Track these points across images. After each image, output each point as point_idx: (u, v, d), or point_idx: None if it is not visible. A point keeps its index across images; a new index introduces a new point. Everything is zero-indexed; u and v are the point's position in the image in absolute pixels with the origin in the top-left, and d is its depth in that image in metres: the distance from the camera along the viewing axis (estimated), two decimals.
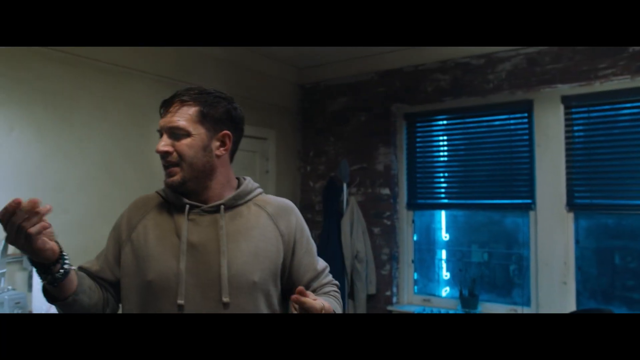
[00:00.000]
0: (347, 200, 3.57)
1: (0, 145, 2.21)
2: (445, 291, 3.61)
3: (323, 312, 1.02)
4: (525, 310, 3.12)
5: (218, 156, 1.18)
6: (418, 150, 3.66)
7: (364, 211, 3.61)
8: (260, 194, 1.29)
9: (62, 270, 1.04)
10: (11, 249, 2.22)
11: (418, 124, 3.66)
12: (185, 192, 1.18)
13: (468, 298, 3.29)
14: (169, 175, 1.15)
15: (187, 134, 1.13)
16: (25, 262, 2.25)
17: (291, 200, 1.31)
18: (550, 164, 3.04)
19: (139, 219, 1.22)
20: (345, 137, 3.82)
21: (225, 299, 1.11)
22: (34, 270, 1.07)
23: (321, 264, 1.29)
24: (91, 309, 1.19)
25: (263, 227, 1.19)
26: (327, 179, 3.79)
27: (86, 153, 2.55)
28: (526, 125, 3.24)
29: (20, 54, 2.28)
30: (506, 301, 3.28)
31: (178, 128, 1.13)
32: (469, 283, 3.38)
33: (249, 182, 1.27)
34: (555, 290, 2.97)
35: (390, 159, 3.62)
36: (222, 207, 1.18)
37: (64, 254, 1.06)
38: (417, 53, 3.45)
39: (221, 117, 1.18)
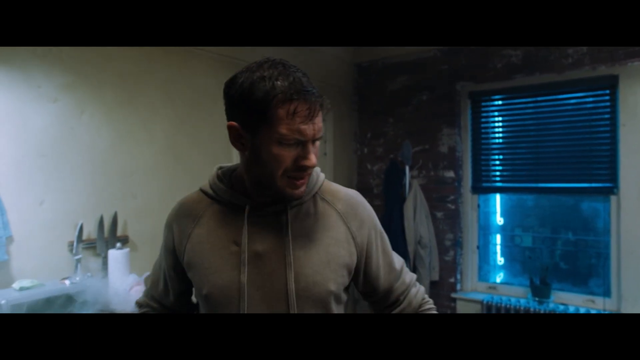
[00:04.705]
0: (410, 184, 3.42)
1: (71, 129, 2.17)
2: (499, 277, 3.47)
3: None
4: (606, 301, 2.93)
5: None
6: (483, 131, 3.47)
7: (426, 195, 3.47)
8: (324, 180, 1.09)
9: None
10: (85, 233, 2.20)
11: (484, 103, 3.46)
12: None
13: (540, 287, 3.12)
14: (298, 186, 0.96)
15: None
16: (99, 247, 2.23)
17: (348, 183, 1.15)
18: (638, 144, 2.80)
19: (192, 227, 1.04)
20: (405, 117, 3.66)
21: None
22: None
23: (397, 260, 1.12)
24: None
25: (334, 228, 1.02)
26: (388, 161, 3.65)
27: (152, 137, 2.50)
28: (608, 103, 2.99)
29: None
30: (582, 291, 3.10)
31: (320, 137, 0.97)
32: (540, 271, 3.21)
33: (313, 171, 1.05)
34: None
35: (454, 140, 3.44)
36: (288, 206, 1.00)
37: None
38: None
39: None
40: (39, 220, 2.06)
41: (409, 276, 1.14)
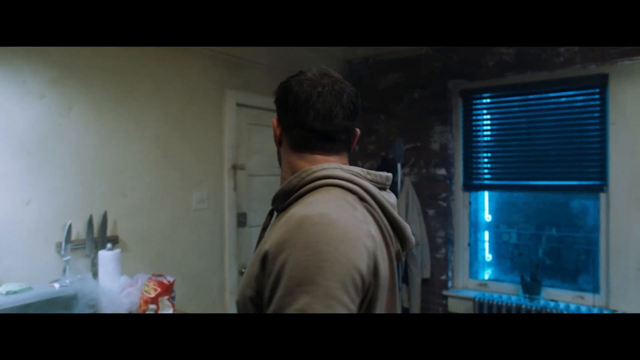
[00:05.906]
0: (402, 181, 3.42)
1: (59, 126, 2.10)
2: (487, 273, 3.50)
3: None
4: (596, 297, 2.96)
5: (279, 146, 1.06)
6: (475, 129, 3.47)
7: (418, 192, 3.47)
8: (320, 187, 0.90)
9: None
10: (74, 234, 2.14)
11: (476, 101, 3.47)
12: None
13: (531, 284, 3.15)
14: None
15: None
16: (89, 248, 2.16)
17: None
18: (628, 143, 2.83)
19: None
20: (397, 115, 3.64)
21: None
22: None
23: None
24: None
25: (264, 241, 0.89)
26: (380, 159, 3.64)
27: (143, 134, 2.44)
28: (598, 102, 3.02)
29: None
30: (572, 287, 3.13)
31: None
32: (530, 268, 3.23)
33: (301, 174, 0.92)
34: (630, 277, 2.81)
35: (446, 137, 3.44)
36: (274, 211, 1.01)
37: None
38: None
39: (276, 104, 1.07)
40: (25, 220, 1.98)
41: None
